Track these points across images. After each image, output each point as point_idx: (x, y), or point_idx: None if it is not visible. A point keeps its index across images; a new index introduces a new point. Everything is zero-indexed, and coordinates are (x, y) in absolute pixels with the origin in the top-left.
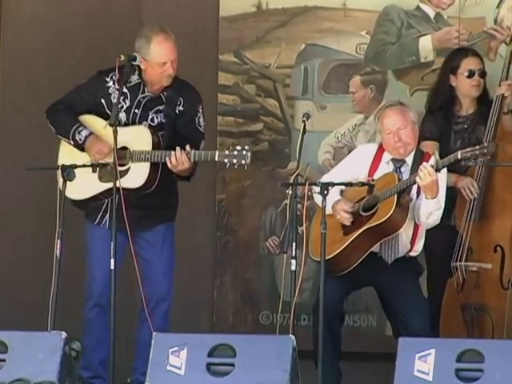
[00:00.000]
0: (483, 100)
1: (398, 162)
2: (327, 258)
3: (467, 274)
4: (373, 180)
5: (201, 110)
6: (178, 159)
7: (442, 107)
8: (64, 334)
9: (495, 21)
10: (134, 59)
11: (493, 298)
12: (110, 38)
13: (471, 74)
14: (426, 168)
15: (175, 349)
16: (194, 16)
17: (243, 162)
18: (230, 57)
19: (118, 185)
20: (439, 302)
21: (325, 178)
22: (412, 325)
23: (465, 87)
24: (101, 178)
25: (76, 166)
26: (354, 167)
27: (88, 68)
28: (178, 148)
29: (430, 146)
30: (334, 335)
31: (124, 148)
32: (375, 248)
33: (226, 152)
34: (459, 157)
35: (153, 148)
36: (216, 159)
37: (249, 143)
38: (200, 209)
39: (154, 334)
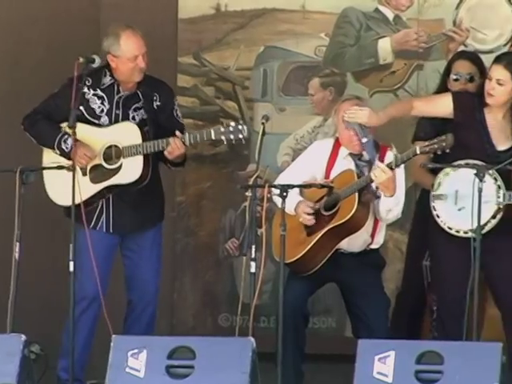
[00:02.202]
0: None
1: (356, 156)
2: (293, 260)
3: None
4: (332, 182)
5: (176, 103)
6: (173, 145)
7: None
8: (23, 337)
9: (454, 22)
10: (93, 61)
11: None
12: (69, 40)
13: (457, 78)
14: (380, 166)
15: (134, 351)
16: (152, 18)
17: (240, 136)
18: (188, 59)
19: (76, 189)
20: (422, 302)
21: (282, 177)
22: (371, 323)
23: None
24: (93, 180)
25: (35, 169)
26: (311, 164)
27: (47, 70)
28: (171, 138)
29: (420, 145)
30: (299, 336)
31: (111, 147)
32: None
33: (222, 129)
34: (418, 151)
35: (143, 141)
36: (213, 137)
37: (207, 145)
38: None
39: (113, 336)
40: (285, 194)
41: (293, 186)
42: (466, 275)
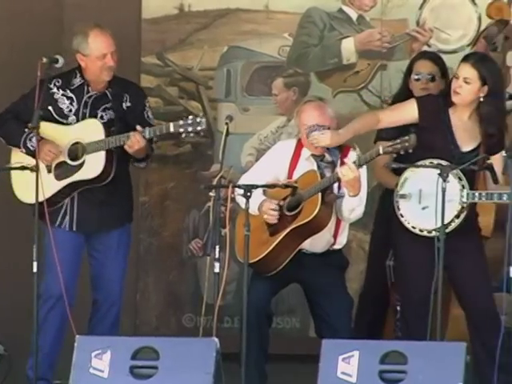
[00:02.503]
0: None
1: (319, 157)
2: (256, 260)
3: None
4: (295, 182)
5: (148, 104)
6: (133, 139)
7: None
8: None
9: (417, 22)
10: (56, 61)
11: None
12: (33, 41)
13: (418, 78)
14: (348, 164)
15: (98, 352)
16: (116, 18)
17: (199, 128)
18: (152, 59)
19: (40, 193)
20: (385, 302)
21: (245, 177)
22: (334, 323)
23: (414, 90)
24: (58, 177)
25: None
26: (274, 165)
27: (11, 71)
28: (131, 132)
29: (383, 145)
30: (262, 336)
31: (76, 144)
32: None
33: (181, 122)
34: (381, 151)
35: (106, 137)
36: (171, 130)
37: (171, 146)
38: None
39: (77, 336)
40: (249, 194)
41: (256, 187)
42: (430, 275)
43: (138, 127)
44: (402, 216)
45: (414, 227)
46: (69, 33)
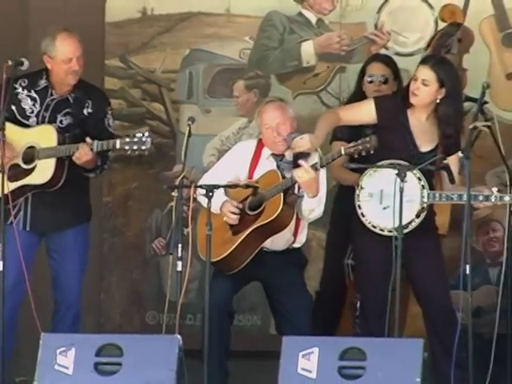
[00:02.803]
0: None
1: (278, 157)
2: (218, 258)
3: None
4: (256, 182)
5: (110, 112)
6: (81, 151)
7: None
8: None
9: (375, 26)
10: (21, 64)
11: None
12: None
13: (372, 80)
14: (304, 166)
15: (63, 349)
16: (80, 22)
17: (143, 147)
18: (115, 62)
19: (5, 189)
20: (341, 299)
21: (206, 177)
22: (294, 320)
23: (368, 92)
24: (9, 178)
25: None
26: (235, 165)
27: None
28: (81, 143)
29: (337, 145)
30: (224, 334)
31: (32, 147)
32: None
33: (127, 139)
34: (343, 152)
35: (58, 145)
36: (117, 147)
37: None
38: None
39: (42, 334)
40: (210, 194)
41: (218, 187)
42: (389, 273)
43: (88, 139)
44: (363, 216)
45: (374, 227)
46: (34, 36)
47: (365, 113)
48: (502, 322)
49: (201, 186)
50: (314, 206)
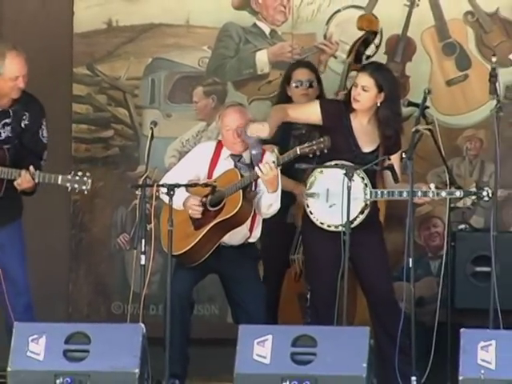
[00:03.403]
0: None
1: (237, 157)
2: (181, 252)
3: (303, 265)
4: (215, 181)
5: (44, 123)
6: (23, 179)
7: None
8: None
9: (325, 36)
10: None
11: None
12: None
13: (299, 85)
14: (269, 163)
15: (35, 337)
16: (50, 33)
17: (84, 187)
18: (83, 70)
19: None
20: (277, 292)
21: (168, 176)
22: (249, 309)
23: (295, 96)
24: None
25: None
26: (195, 165)
27: None
28: (23, 170)
29: (267, 148)
30: (185, 322)
31: None
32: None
33: (69, 176)
34: (298, 152)
35: None
36: (59, 183)
37: (100, 148)
38: (56, 208)
39: (15, 323)
40: (172, 192)
41: (179, 185)
42: (337, 267)
43: (31, 168)
44: (312, 213)
45: (322, 223)
46: None
47: (311, 112)
48: (442, 311)
49: (163, 185)
50: (272, 202)
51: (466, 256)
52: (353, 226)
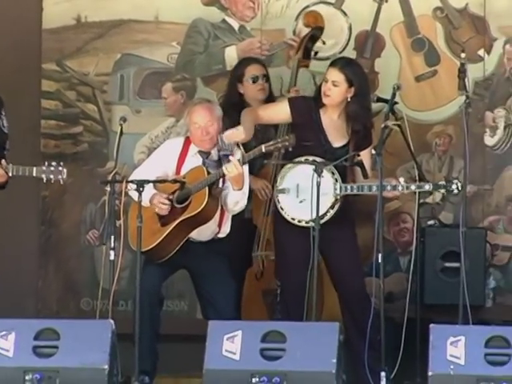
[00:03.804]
0: (270, 102)
1: (205, 154)
2: (148, 248)
3: (266, 262)
4: (184, 177)
5: (4, 113)
6: None
7: (236, 113)
8: None
9: (294, 32)
10: None
11: None
12: None
13: (255, 80)
14: (233, 162)
15: (4, 333)
16: (19, 28)
17: (59, 177)
18: (52, 65)
19: None
20: (240, 290)
21: (136, 172)
22: (218, 305)
23: (251, 92)
24: None
25: None
26: (163, 161)
27: None
28: None
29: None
30: (154, 318)
31: None
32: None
33: (43, 168)
34: (263, 150)
35: None
36: (34, 174)
37: (69, 144)
38: (26, 205)
39: None
40: (141, 188)
41: (148, 182)
42: (307, 262)
43: (3, 162)
44: (282, 209)
45: (293, 219)
46: None
47: (280, 111)
48: (411, 306)
49: (132, 181)
50: (238, 199)
51: (435, 252)
52: (323, 221)
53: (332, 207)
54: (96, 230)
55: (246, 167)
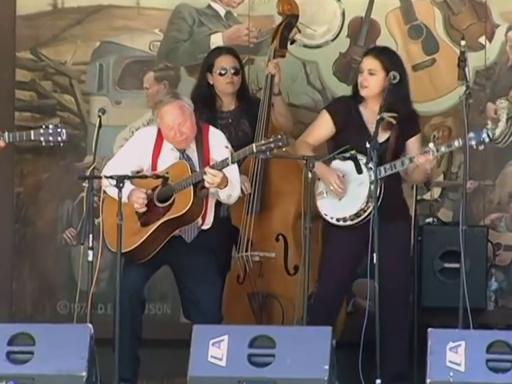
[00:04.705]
0: (243, 96)
1: (182, 149)
2: (128, 250)
3: (250, 264)
4: (167, 173)
5: None
6: None
7: (206, 104)
8: None
9: None
10: None
11: (280, 285)
12: None
13: (224, 72)
14: (208, 172)
15: None
16: None
17: (59, 138)
18: (26, 54)
19: None
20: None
21: (109, 166)
22: (201, 303)
23: (220, 84)
24: None
25: None
26: (137, 153)
27: None
28: None
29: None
30: (136, 322)
31: None
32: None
33: (41, 130)
34: (255, 150)
35: None
36: (32, 138)
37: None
38: None
39: None
40: (121, 184)
41: (128, 177)
42: (353, 265)
43: None
44: (326, 214)
45: (338, 220)
46: None
47: (325, 127)
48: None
49: (111, 177)
50: (229, 192)
51: (434, 251)
52: (367, 213)
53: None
54: (73, 228)
55: (235, 166)
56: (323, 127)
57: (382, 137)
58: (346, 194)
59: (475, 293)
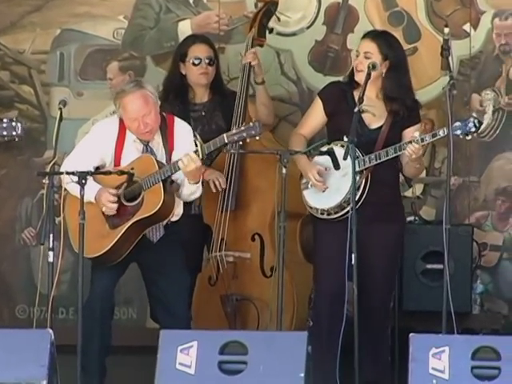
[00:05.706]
0: (218, 88)
1: (145, 141)
2: (97, 254)
3: (224, 264)
4: (132, 168)
5: None
6: None
7: (178, 96)
8: None
9: (256, 5)
10: None
11: (255, 287)
12: None
13: (198, 62)
14: (190, 155)
15: None
16: None
17: (14, 133)
18: None
19: None
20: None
21: (69, 162)
22: (170, 306)
23: (193, 75)
24: None
25: None
26: (99, 147)
27: None
28: None
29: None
30: (105, 329)
31: None
32: None
33: None
34: (226, 140)
35: None
36: None
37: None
38: None
39: None
40: (83, 181)
41: (92, 173)
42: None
43: None
44: (311, 208)
45: (322, 213)
46: None
47: (318, 114)
48: None
49: (73, 173)
50: (194, 190)
51: (416, 252)
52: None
53: (357, 188)
54: (33, 227)
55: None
56: (315, 115)
57: (376, 123)
58: (330, 186)
59: (459, 296)
